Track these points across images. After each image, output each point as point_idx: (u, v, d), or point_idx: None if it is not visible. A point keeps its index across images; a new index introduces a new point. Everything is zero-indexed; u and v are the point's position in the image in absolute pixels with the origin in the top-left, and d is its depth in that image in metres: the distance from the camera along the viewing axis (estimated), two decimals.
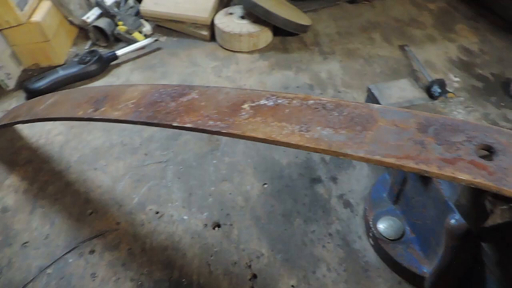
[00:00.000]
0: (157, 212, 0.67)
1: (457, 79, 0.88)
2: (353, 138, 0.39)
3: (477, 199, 0.40)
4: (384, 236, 0.60)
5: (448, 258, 0.50)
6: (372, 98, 0.68)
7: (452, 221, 0.47)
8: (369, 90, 0.68)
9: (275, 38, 1.01)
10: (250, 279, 0.59)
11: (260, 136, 0.42)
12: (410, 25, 1.05)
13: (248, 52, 0.97)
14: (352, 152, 0.38)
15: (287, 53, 0.97)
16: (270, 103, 0.45)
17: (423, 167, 0.36)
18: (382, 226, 0.61)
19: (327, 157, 0.75)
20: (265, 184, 0.71)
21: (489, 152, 0.38)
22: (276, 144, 0.42)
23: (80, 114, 0.55)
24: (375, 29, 1.04)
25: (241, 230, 0.65)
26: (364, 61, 0.94)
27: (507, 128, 0.77)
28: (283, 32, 1.00)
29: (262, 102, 0.46)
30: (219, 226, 0.66)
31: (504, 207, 0.38)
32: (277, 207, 0.68)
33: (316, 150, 0.40)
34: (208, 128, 0.45)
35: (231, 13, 0.99)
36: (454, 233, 0.47)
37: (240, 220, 0.66)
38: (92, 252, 0.61)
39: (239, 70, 0.93)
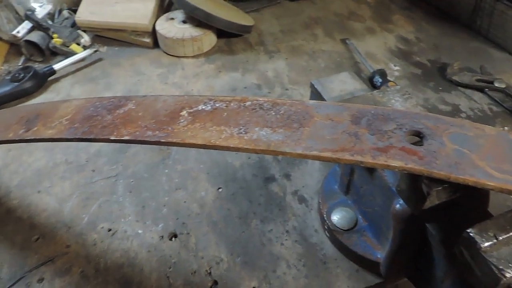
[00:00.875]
0: (110, 230, 0.64)
1: (397, 67, 0.92)
2: (290, 136, 0.40)
3: (414, 183, 0.41)
4: (338, 227, 0.62)
5: (397, 242, 0.51)
6: (315, 93, 0.69)
7: (397, 206, 0.48)
8: (312, 86, 0.69)
9: (219, 41, 1.01)
10: (211, 287, 0.58)
11: (200, 142, 0.41)
12: (350, 19, 1.08)
13: (193, 57, 0.96)
14: (291, 150, 0.38)
15: (233, 54, 0.97)
16: (208, 107, 0.45)
17: (358, 158, 0.37)
18: (335, 217, 0.63)
19: (280, 156, 0.75)
20: (220, 188, 0.71)
21: (419, 137, 0.39)
22: (216, 149, 0.41)
23: (10, 136, 0.52)
24: (317, 24, 1.06)
25: (198, 237, 0.64)
26: (308, 57, 0.96)
27: (446, 111, 0.81)
28: (227, 34, 1.00)
29: (200, 107, 0.45)
30: (175, 236, 0.64)
31: (439, 188, 0.40)
32: (233, 210, 0.67)
33: (255, 151, 0.40)
34: (147, 139, 0.43)
35: (172, 18, 0.98)
36: (400, 217, 0.48)
37: (196, 227, 0.65)
38: (40, 280, 0.58)
39: (186, 75, 0.91)
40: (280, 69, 0.93)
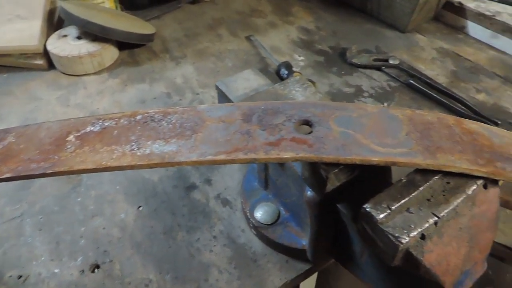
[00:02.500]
0: (20, 276, 0.59)
1: (301, 58, 0.95)
2: (184, 144, 0.39)
3: (313, 170, 0.43)
4: (262, 223, 0.62)
5: (315, 227, 0.53)
6: (221, 95, 0.69)
7: (308, 193, 0.50)
8: (217, 87, 0.69)
9: (122, 53, 0.96)
10: None
11: (90, 166, 0.39)
12: (252, 16, 1.09)
13: (95, 73, 0.91)
14: (185, 159, 0.37)
15: (138, 65, 0.94)
16: (97, 128, 0.42)
17: (252, 155, 0.37)
18: (258, 214, 0.63)
19: None
20: (140, 206, 0.68)
21: (308, 126, 0.40)
22: (109, 171, 0.39)
23: None
24: (220, 25, 1.06)
25: (123, 263, 0.60)
26: (215, 58, 0.95)
27: (350, 92, 0.85)
28: (129, 45, 0.96)
29: (88, 129, 0.42)
30: (98, 267, 0.60)
31: (336, 170, 0.41)
32: (157, 226, 0.65)
33: (150, 166, 0.38)
34: (31, 173, 0.40)
35: (65, 35, 0.91)
36: (312, 203, 0.50)
37: (120, 253, 0.62)
38: None
39: (89, 94, 0.86)
40: (188, 74, 0.91)
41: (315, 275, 0.73)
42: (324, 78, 0.89)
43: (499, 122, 0.78)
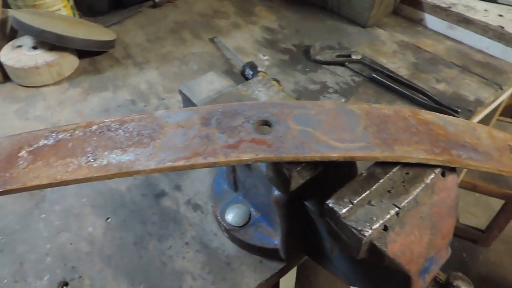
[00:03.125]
0: None
1: (266, 57, 0.95)
2: (142, 152, 0.38)
3: (277, 169, 0.43)
4: (234, 226, 0.62)
5: (285, 225, 0.53)
6: (185, 99, 0.68)
7: (275, 193, 0.50)
8: (180, 92, 0.68)
9: (82, 61, 0.94)
10: None
11: (45, 182, 0.37)
12: (215, 17, 1.09)
13: (54, 84, 0.88)
14: (144, 167, 0.37)
15: (100, 73, 0.91)
16: (51, 141, 0.41)
17: (211, 159, 0.36)
18: (230, 216, 0.63)
19: None
20: (108, 218, 0.66)
21: (268, 126, 0.40)
22: (64, 185, 0.37)
23: None
24: (183, 28, 1.05)
25: (93, 278, 0.59)
26: (180, 62, 0.94)
27: (315, 89, 0.86)
28: (89, 52, 0.94)
29: (42, 142, 0.41)
30: (66, 284, 0.58)
31: (298, 168, 0.41)
32: (127, 237, 0.63)
33: (107, 177, 0.37)
34: None
35: (19, 46, 0.88)
36: (279, 202, 0.50)
37: (89, 267, 0.60)
38: None
39: (49, 106, 0.83)
40: (152, 79, 0.89)
41: (294, 271, 0.74)
42: (290, 76, 0.90)
43: (459, 110, 0.80)
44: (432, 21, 1.03)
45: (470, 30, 0.98)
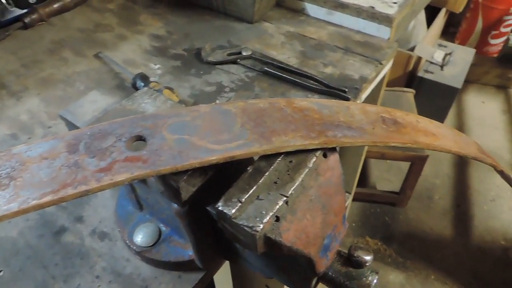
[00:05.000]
0: None
1: (157, 66, 0.92)
2: (1, 196, 0.34)
3: (165, 182, 0.41)
4: (145, 246, 0.59)
5: (192, 234, 0.52)
6: (69, 124, 0.63)
7: (174, 205, 0.48)
8: (61, 117, 0.63)
9: None
10: None
11: None
12: (97, 31, 1.03)
13: None
14: (4, 212, 0.33)
15: None
16: None
17: (83, 188, 0.34)
18: (139, 238, 0.60)
19: (64, 203, 0.67)
20: (0, 271, 0.59)
21: (142, 141, 0.39)
22: None
23: None
24: (63, 47, 0.97)
25: None
26: (64, 84, 0.87)
27: (212, 91, 0.85)
28: None
29: None
30: None
31: (185, 177, 0.40)
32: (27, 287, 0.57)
33: None
34: None
35: None
36: (180, 214, 0.48)
37: None
38: None
39: None
40: (34, 108, 0.82)
41: (227, 268, 0.73)
42: (185, 82, 0.88)
43: (346, 90, 0.86)
44: (312, 9, 1.09)
45: (346, 13, 1.05)
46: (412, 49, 2.37)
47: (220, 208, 0.38)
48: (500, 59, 2.97)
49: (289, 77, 0.89)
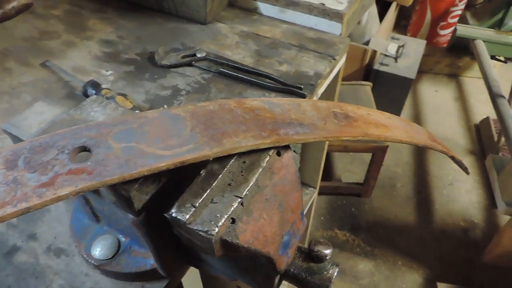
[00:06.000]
0: None
1: (109, 72, 0.90)
2: None
3: (116, 192, 0.40)
4: (103, 259, 0.57)
5: (151, 243, 0.51)
6: (14, 138, 0.60)
7: (130, 216, 0.47)
8: (6, 132, 0.60)
9: None
10: None
11: None
12: (43, 39, 0.98)
13: None
14: None
15: None
16: None
17: (23, 205, 0.32)
18: (97, 251, 0.58)
19: (14, 220, 0.64)
20: None
21: (87, 151, 0.37)
22: None
23: None
24: (6, 57, 0.92)
25: None
26: (9, 96, 0.83)
27: (168, 95, 0.84)
28: None
29: None
30: None
31: (136, 186, 0.39)
32: None
33: None
34: None
35: None
36: (136, 224, 0.47)
37: None
38: None
39: None
40: None
41: (196, 272, 0.72)
42: (139, 87, 0.86)
43: (302, 86, 0.87)
44: (265, 8, 1.09)
45: (298, 11, 1.06)
46: (367, 43, 2.44)
47: (173, 214, 0.38)
48: (449, 49, 3.13)
49: (245, 76, 0.89)
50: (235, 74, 0.89)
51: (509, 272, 2.02)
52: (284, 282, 0.55)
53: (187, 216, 0.37)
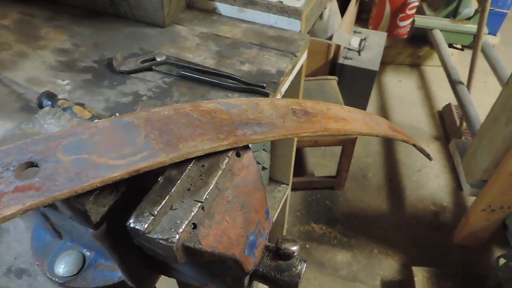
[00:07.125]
0: None
1: (66, 81, 0.87)
2: None
3: (70, 207, 0.39)
4: (68, 276, 0.55)
5: (115, 255, 0.49)
6: None
7: (90, 229, 0.46)
8: None
9: None
10: None
11: None
12: None
13: None
14: None
15: None
16: None
17: None
18: (60, 268, 0.55)
19: None
20: None
21: (34, 167, 0.36)
22: None
23: None
24: None
25: None
26: None
27: (129, 101, 0.82)
28: None
29: None
30: None
31: (91, 199, 0.38)
32: None
33: None
34: None
35: None
36: (98, 237, 0.45)
37: None
38: None
39: None
40: None
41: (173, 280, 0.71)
42: (98, 95, 0.84)
43: (265, 85, 0.87)
44: (224, 8, 1.09)
45: (257, 10, 1.06)
46: (330, 38, 2.48)
47: (131, 225, 0.37)
48: (409, 39, 3.23)
49: (207, 78, 0.88)
50: (197, 76, 0.88)
51: (478, 252, 2.11)
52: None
53: (146, 225, 0.36)
